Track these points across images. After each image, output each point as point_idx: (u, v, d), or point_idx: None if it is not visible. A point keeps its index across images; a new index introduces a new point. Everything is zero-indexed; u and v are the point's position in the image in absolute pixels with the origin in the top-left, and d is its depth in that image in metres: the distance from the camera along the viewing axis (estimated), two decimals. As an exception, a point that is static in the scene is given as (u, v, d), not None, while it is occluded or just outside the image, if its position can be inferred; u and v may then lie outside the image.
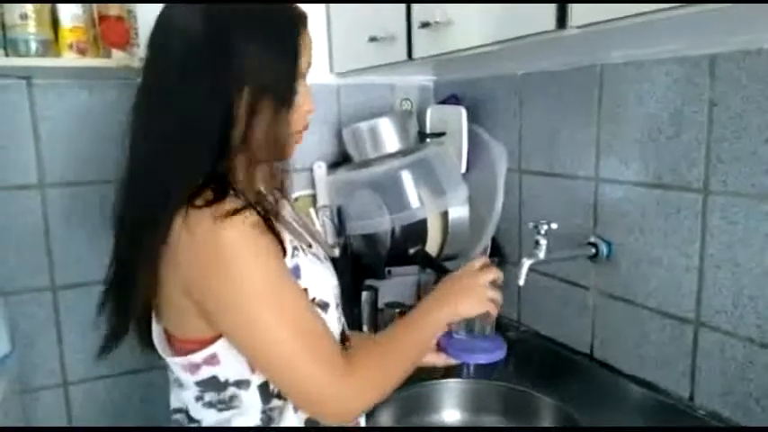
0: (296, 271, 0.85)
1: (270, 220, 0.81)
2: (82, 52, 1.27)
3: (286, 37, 0.82)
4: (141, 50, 1.30)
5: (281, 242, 0.82)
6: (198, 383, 0.85)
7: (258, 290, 0.78)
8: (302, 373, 0.80)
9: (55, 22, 1.26)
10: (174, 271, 0.79)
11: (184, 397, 0.89)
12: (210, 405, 0.86)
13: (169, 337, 0.87)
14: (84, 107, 1.45)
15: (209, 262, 0.77)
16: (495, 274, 0.99)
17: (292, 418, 0.88)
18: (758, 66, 0.95)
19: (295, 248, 0.86)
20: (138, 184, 0.82)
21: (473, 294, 0.97)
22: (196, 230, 0.76)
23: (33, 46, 1.23)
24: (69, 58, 1.26)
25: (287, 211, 0.99)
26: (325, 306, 0.89)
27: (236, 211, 0.77)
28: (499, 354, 1.05)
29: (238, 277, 0.77)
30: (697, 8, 0.70)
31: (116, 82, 1.44)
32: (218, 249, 0.76)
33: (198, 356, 0.83)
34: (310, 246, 0.95)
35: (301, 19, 0.85)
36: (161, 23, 0.82)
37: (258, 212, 0.81)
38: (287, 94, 0.82)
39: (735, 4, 0.69)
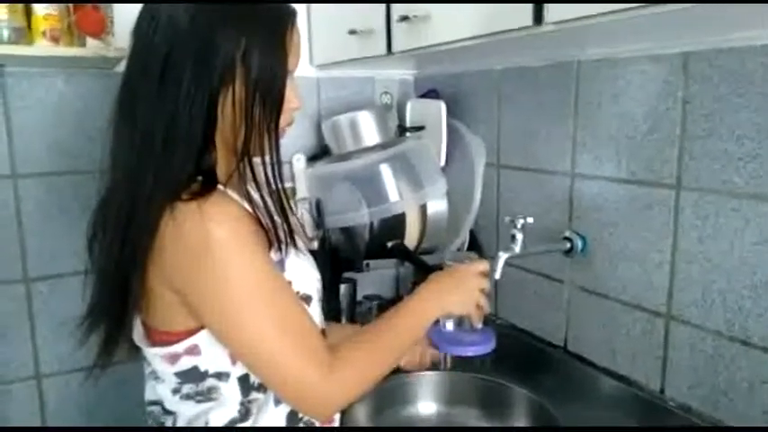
0: (280, 264, 0.85)
1: (257, 214, 0.81)
2: (56, 40, 1.24)
3: (276, 33, 0.81)
4: (117, 39, 1.29)
5: (267, 236, 0.81)
6: (177, 374, 0.85)
7: (245, 287, 0.78)
8: (289, 370, 0.80)
9: (28, 10, 1.24)
10: (158, 264, 0.78)
11: (160, 390, 0.88)
12: (188, 397, 0.86)
13: (148, 330, 0.87)
14: (59, 96, 1.42)
15: (196, 257, 0.76)
16: (488, 283, 1.04)
17: (272, 411, 0.88)
18: (729, 64, 0.97)
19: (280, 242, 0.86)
20: (123, 181, 0.81)
21: (465, 295, 1.00)
22: (184, 224, 0.75)
23: (5, 33, 1.20)
24: (42, 47, 1.23)
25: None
26: (308, 299, 0.89)
27: (223, 205, 0.77)
28: (487, 346, 1.06)
29: (226, 274, 0.77)
30: (668, 7, 0.72)
31: (91, 71, 1.42)
32: (206, 244, 0.75)
33: (179, 347, 0.83)
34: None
35: (291, 15, 0.84)
36: (147, 14, 0.80)
37: (250, 206, 0.81)
38: (277, 90, 0.81)
39: (705, 4, 0.70)
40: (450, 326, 1.07)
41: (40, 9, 1.23)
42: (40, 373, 1.48)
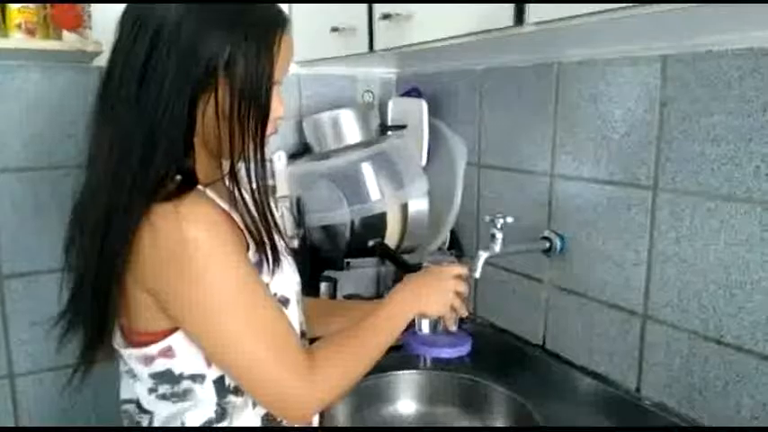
0: (258, 266, 0.84)
1: (240, 215, 0.80)
2: (31, 33, 1.22)
3: (263, 43, 0.78)
4: (94, 33, 1.27)
5: (245, 237, 0.80)
6: (152, 375, 0.84)
7: (224, 288, 0.77)
8: (266, 375, 0.80)
9: (2, 2, 1.21)
10: (133, 266, 0.77)
11: (136, 388, 0.87)
12: (164, 397, 0.85)
13: (124, 329, 0.86)
14: (35, 90, 1.40)
15: (172, 260, 0.75)
16: (466, 287, 1.03)
17: (249, 413, 0.87)
18: (706, 68, 0.98)
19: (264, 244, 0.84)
20: (100, 182, 0.79)
21: (440, 296, 1.00)
22: (160, 226, 0.74)
23: (-22, 25, 1.18)
24: (17, 39, 1.21)
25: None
26: (285, 302, 0.89)
27: (200, 206, 0.76)
28: (462, 349, 1.06)
29: (204, 275, 0.75)
30: (649, 8, 0.72)
31: (68, 65, 1.40)
32: (181, 247, 0.74)
33: (153, 349, 0.82)
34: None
35: (281, 25, 0.82)
36: (134, 11, 0.78)
37: (231, 208, 0.80)
38: (261, 102, 0.79)
39: (684, 6, 0.71)
40: (425, 328, 1.06)
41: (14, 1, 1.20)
42: (13, 372, 1.45)
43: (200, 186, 0.80)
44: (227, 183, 0.83)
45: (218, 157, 0.84)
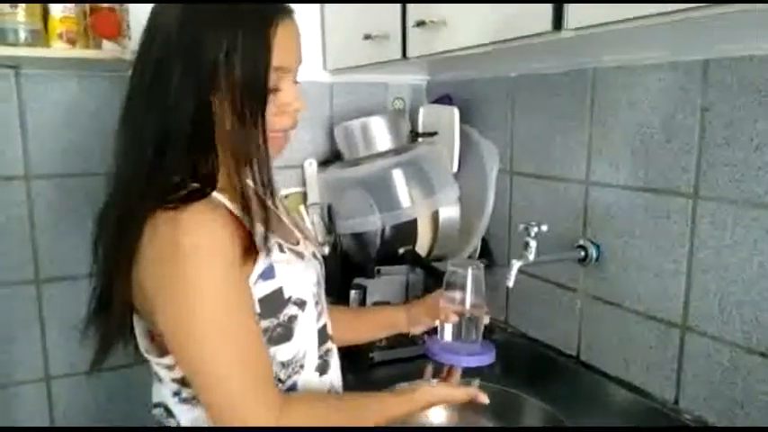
0: (270, 271, 0.83)
1: (244, 221, 0.80)
2: (72, 43, 1.25)
3: (258, 30, 0.79)
4: (132, 42, 1.29)
5: (254, 244, 0.80)
6: (174, 380, 0.85)
7: (209, 302, 0.76)
8: (236, 404, 0.77)
9: (45, 12, 1.25)
10: (135, 268, 0.78)
11: (163, 392, 0.88)
12: (186, 401, 0.86)
13: (151, 333, 0.87)
14: (73, 98, 1.43)
15: (163, 265, 0.75)
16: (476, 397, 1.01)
17: None
18: (750, 73, 0.96)
19: (269, 249, 0.84)
20: (119, 185, 0.82)
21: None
22: (160, 230, 0.75)
23: (22, 35, 1.21)
24: (58, 49, 1.24)
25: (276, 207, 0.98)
26: (302, 304, 0.88)
27: (204, 214, 0.76)
28: (487, 358, 1.03)
29: (191, 286, 0.75)
30: (695, 13, 0.71)
31: (106, 74, 1.43)
32: (173, 254, 0.74)
33: (170, 359, 0.83)
34: (298, 243, 0.94)
35: (278, 12, 0.82)
36: (149, 20, 0.82)
37: (243, 212, 0.80)
38: (259, 86, 0.79)
39: (731, 10, 0.69)
40: (448, 336, 1.04)
41: (56, 11, 1.24)
42: (49, 374, 1.48)
43: (216, 193, 0.80)
44: (230, 179, 0.83)
45: (237, 162, 0.84)
